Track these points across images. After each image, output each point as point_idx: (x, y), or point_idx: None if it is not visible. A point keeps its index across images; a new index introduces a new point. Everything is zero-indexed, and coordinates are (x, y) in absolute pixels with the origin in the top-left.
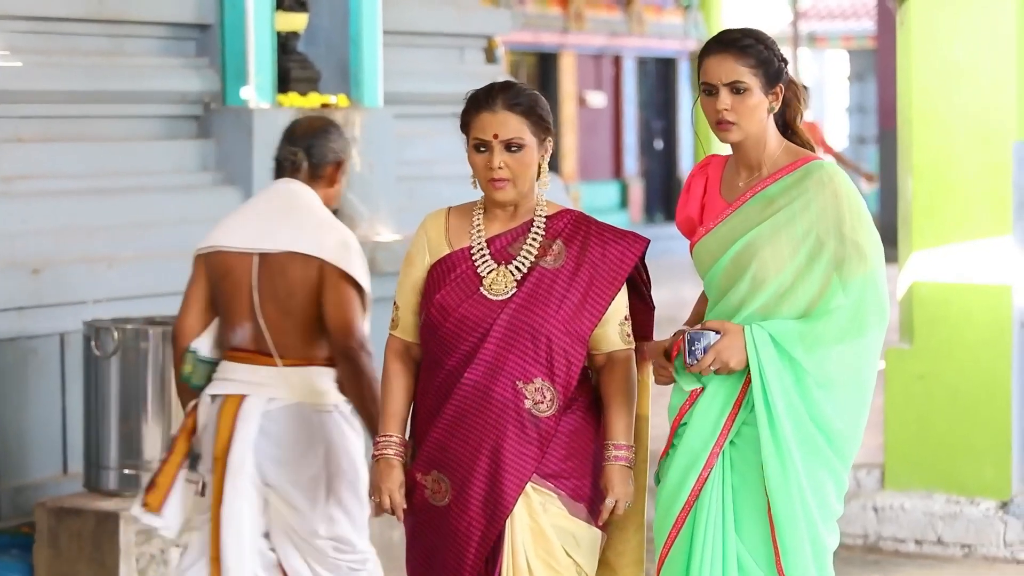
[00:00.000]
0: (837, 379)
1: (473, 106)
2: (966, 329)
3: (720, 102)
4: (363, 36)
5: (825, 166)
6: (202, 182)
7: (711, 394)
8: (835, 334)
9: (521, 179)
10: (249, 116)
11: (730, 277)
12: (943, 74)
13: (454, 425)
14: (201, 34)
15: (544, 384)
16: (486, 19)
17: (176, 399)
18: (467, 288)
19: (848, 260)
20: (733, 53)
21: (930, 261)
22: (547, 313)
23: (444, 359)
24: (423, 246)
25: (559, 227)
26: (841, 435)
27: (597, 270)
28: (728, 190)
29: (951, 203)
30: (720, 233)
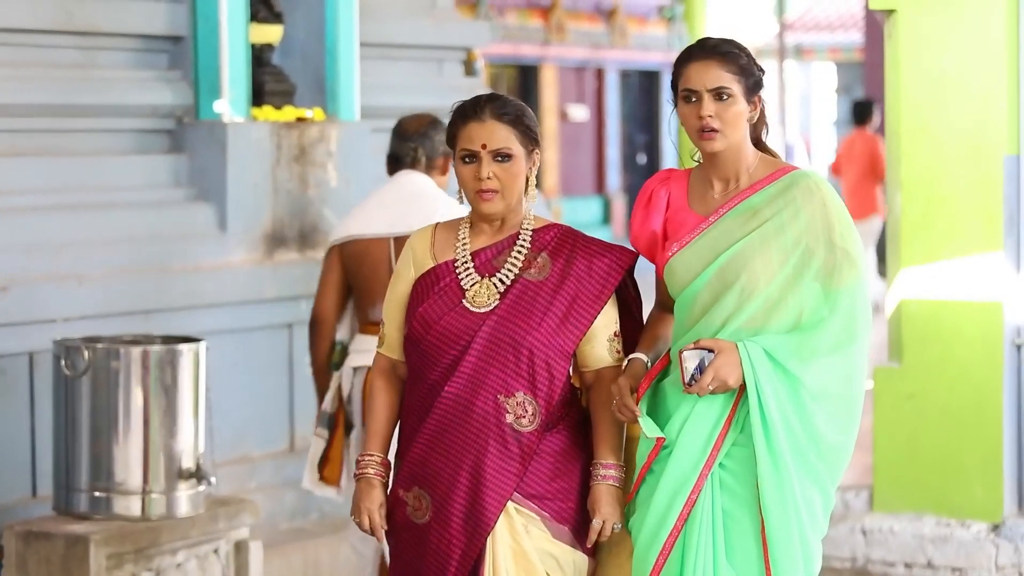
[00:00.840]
0: (832, 390)
1: (460, 117)
2: (956, 347)
3: (704, 108)
4: (339, 48)
5: (810, 175)
6: (175, 198)
7: (699, 415)
8: (829, 344)
9: (509, 190)
10: (223, 130)
11: (714, 291)
12: (932, 87)
13: (435, 440)
14: (173, 46)
15: (526, 398)
16: (465, 31)
17: (147, 420)
18: (450, 300)
19: (838, 268)
20: (717, 59)
21: (920, 278)
22: (529, 325)
23: (426, 372)
24: (409, 261)
25: (545, 240)
26: (834, 448)
27: (582, 284)
28: (700, 203)
29: (941, 218)
30: (699, 246)
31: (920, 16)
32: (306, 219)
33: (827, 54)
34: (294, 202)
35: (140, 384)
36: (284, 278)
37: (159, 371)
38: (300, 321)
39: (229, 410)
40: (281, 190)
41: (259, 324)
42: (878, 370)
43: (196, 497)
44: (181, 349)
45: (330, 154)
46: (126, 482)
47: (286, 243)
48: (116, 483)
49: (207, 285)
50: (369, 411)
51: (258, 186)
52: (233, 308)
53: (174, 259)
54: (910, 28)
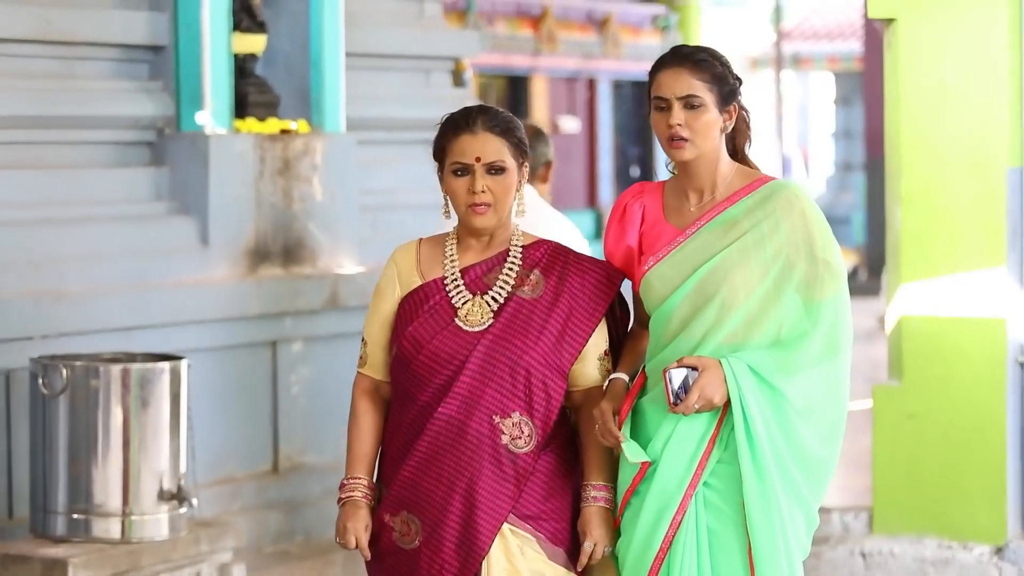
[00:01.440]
0: (817, 405)
1: (451, 129)
2: (958, 365)
3: (673, 117)
4: (324, 59)
5: (789, 185)
6: (155, 212)
7: (682, 434)
8: (813, 358)
9: (502, 204)
10: (205, 142)
11: (693, 305)
12: (933, 98)
13: (427, 462)
14: (154, 56)
15: (522, 419)
16: (453, 41)
17: (127, 441)
18: (441, 319)
19: (820, 280)
20: (688, 67)
21: (920, 294)
22: (526, 344)
23: (417, 394)
24: (393, 279)
25: (536, 257)
26: (819, 464)
27: (577, 300)
28: (676, 216)
29: (942, 233)
30: (677, 260)
31: (920, 25)
32: (290, 234)
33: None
34: (278, 216)
35: (120, 403)
36: (268, 294)
37: (139, 390)
38: (284, 339)
39: (211, 430)
40: (265, 204)
41: (242, 342)
42: (877, 389)
43: (177, 519)
44: (162, 367)
45: (315, 167)
46: (105, 504)
47: (270, 258)
48: (95, 505)
49: (189, 301)
50: (353, 434)
51: (241, 200)
52: (215, 325)
53: (155, 274)
54: (910, 37)
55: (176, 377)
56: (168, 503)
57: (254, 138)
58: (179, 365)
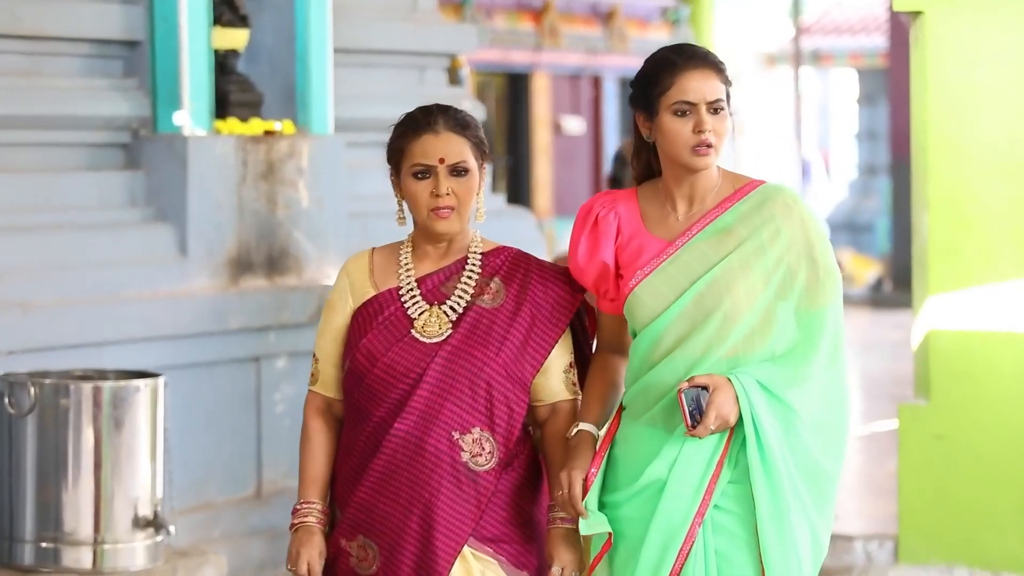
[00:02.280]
0: (824, 418)
1: (411, 128)
2: (989, 383)
3: (705, 122)
4: (311, 55)
5: (783, 189)
6: (130, 218)
7: (689, 456)
8: (821, 369)
9: (465, 207)
10: (183, 144)
11: (691, 320)
12: (963, 96)
13: (383, 483)
14: (129, 52)
15: (483, 434)
16: (449, 35)
17: (99, 464)
18: (396, 331)
19: (821, 286)
20: (713, 69)
21: (948, 307)
22: (487, 356)
23: (372, 410)
24: (345, 290)
25: (496, 264)
26: (828, 480)
27: (539, 310)
28: (660, 226)
29: (972, 241)
30: (669, 273)
31: (949, 18)
32: (275, 242)
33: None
34: (261, 224)
35: (91, 424)
36: (251, 307)
37: (112, 409)
38: (268, 354)
39: (190, 452)
40: (247, 210)
41: (223, 358)
42: (903, 408)
43: (153, 548)
44: (137, 385)
45: (301, 171)
46: (76, 532)
47: (253, 269)
48: (65, 533)
49: (166, 315)
50: (305, 455)
51: (222, 206)
52: (194, 340)
53: (129, 286)
54: (938, 31)
55: (152, 396)
56: (143, 531)
57: (236, 140)
58: (155, 383)
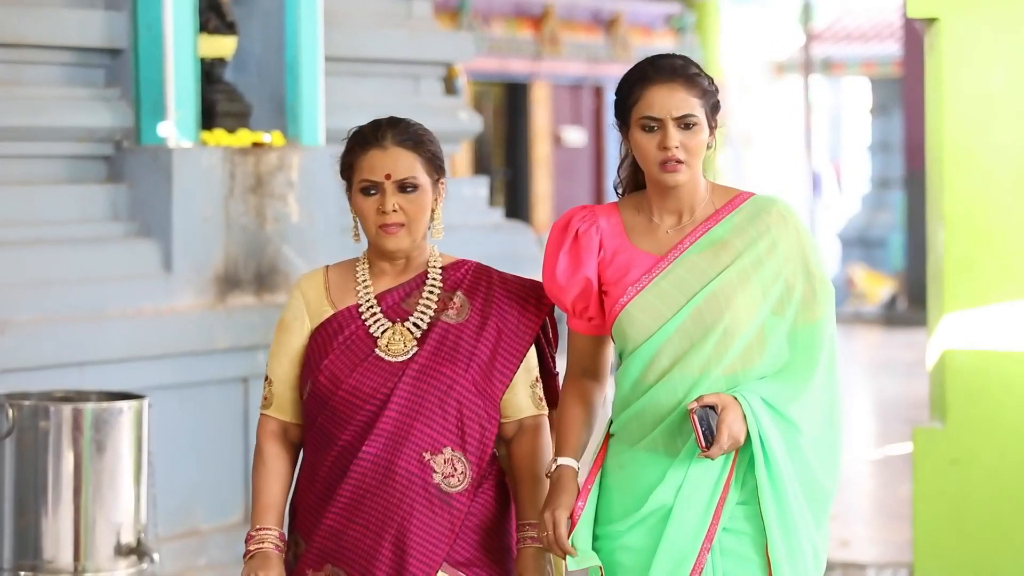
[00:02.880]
0: (823, 434)
1: (358, 143)
2: (1008, 404)
3: (671, 138)
4: (301, 63)
5: (776, 200)
6: (113, 233)
7: (695, 479)
8: (819, 385)
9: (416, 224)
10: (168, 156)
11: (689, 337)
12: (980, 106)
13: (352, 509)
14: (112, 60)
15: (455, 454)
16: (445, 43)
17: (80, 489)
18: (360, 351)
19: (816, 298)
20: (681, 82)
21: (965, 325)
22: (456, 373)
23: (337, 433)
24: (300, 310)
25: (457, 278)
26: (826, 497)
27: (505, 323)
28: (648, 240)
29: (989, 257)
30: (662, 288)
31: (966, 25)
32: (263, 258)
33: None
34: (250, 239)
35: (72, 447)
36: (238, 325)
37: (94, 432)
38: (256, 375)
39: (175, 477)
40: (235, 225)
41: (210, 378)
42: (918, 431)
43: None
44: (120, 407)
45: (291, 184)
46: (56, 560)
47: (240, 286)
48: (44, 561)
49: (150, 333)
50: (259, 482)
51: (208, 220)
52: (180, 360)
53: (112, 303)
54: (954, 39)
55: (135, 418)
56: (126, 559)
57: (223, 152)
58: (139, 405)
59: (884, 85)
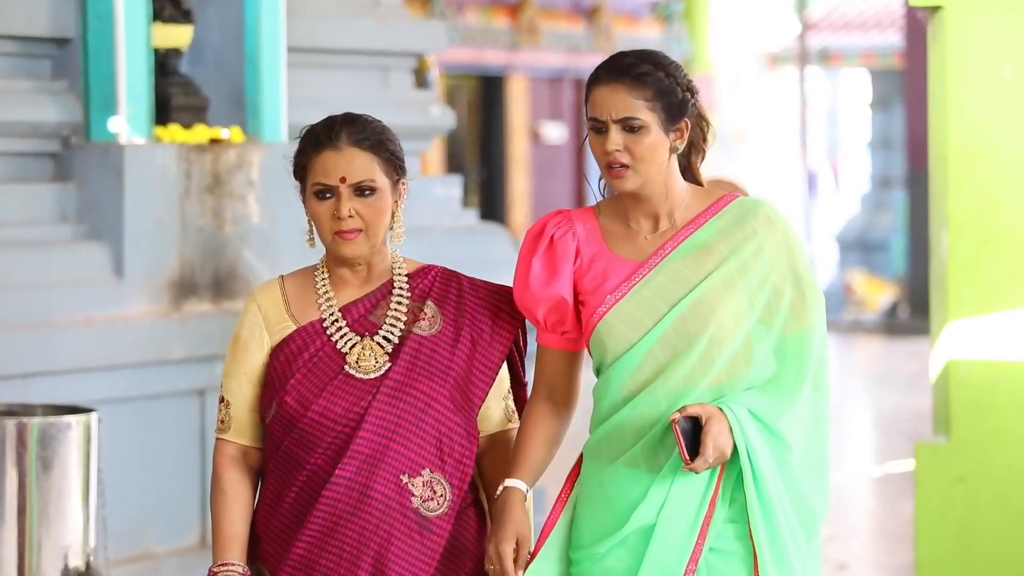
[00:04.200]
0: (812, 450)
1: (311, 144)
2: (1016, 418)
3: (610, 141)
4: (262, 54)
5: (762, 203)
6: (60, 236)
7: (679, 496)
8: (807, 398)
9: (374, 230)
10: (119, 154)
11: (671, 347)
12: (986, 100)
13: (325, 536)
14: (58, 51)
15: (434, 476)
16: (416, 33)
17: (24, 509)
18: (328, 369)
19: (805, 305)
20: (626, 83)
21: (971, 333)
22: (433, 388)
23: (306, 457)
24: (258, 325)
25: (425, 286)
26: (815, 517)
27: (480, 333)
28: (627, 246)
29: (996, 262)
30: (643, 297)
31: (971, 14)
32: (222, 263)
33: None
34: (207, 242)
35: (16, 464)
36: (194, 334)
37: (40, 448)
38: (214, 387)
39: (127, 496)
40: (191, 227)
41: (164, 391)
42: (921, 447)
43: None
44: (68, 421)
45: (251, 183)
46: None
47: (197, 292)
48: None
49: (100, 343)
50: (220, 511)
51: (163, 222)
52: (132, 371)
53: (60, 311)
54: (959, 28)
55: (85, 433)
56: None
57: (178, 149)
58: (88, 419)
59: (885, 78)
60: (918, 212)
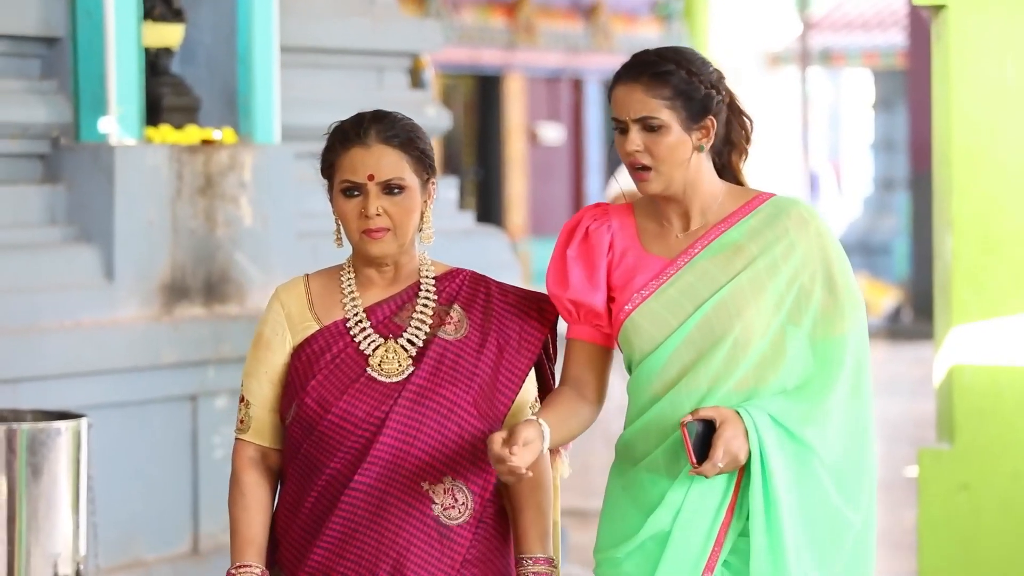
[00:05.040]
0: (847, 460)
1: (340, 141)
2: (1021, 425)
3: (630, 142)
4: (254, 54)
5: (797, 202)
6: (49, 238)
7: (695, 503)
8: (840, 405)
9: (403, 229)
10: (109, 155)
11: (696, 348)
12: (992, 100)
13: (343, 544)
14: (48, 50)
15: (455, 484)
16: (411, 33)
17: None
18: (350, 371)
19: (840, 311)
20: (644, 82)
21: (975, 339)
22: (456, 394)
23: (325, 461)
24: (280, 324)
25: (452, 290)
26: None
27: (507, 339)
28: (659, 243)
29: (1001, 265)
30: (670, 295)
31: (976, 12)
32: (213, 266)
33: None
34: (199, 245)
35: (5, 471)
36: (186, 339)
37: (29, 455)
38: (206, 392)
39: (117, 503)
40: (183, 230)
41: (155, 396)
42: (924, 453)
43: None
44: (57, 427)
45: (243, 185)
46: None
47: (189, 295)
48: None
49: (90, 347)
50: (238, 513)
51: (154, 224)
52: (123, 376)
53: (49, 315)
54: (963, 28)
55: (75, 439)
56: None
57: (169, 150)
58: (78, 425)
59: (887, 78)
60: (921, 215)
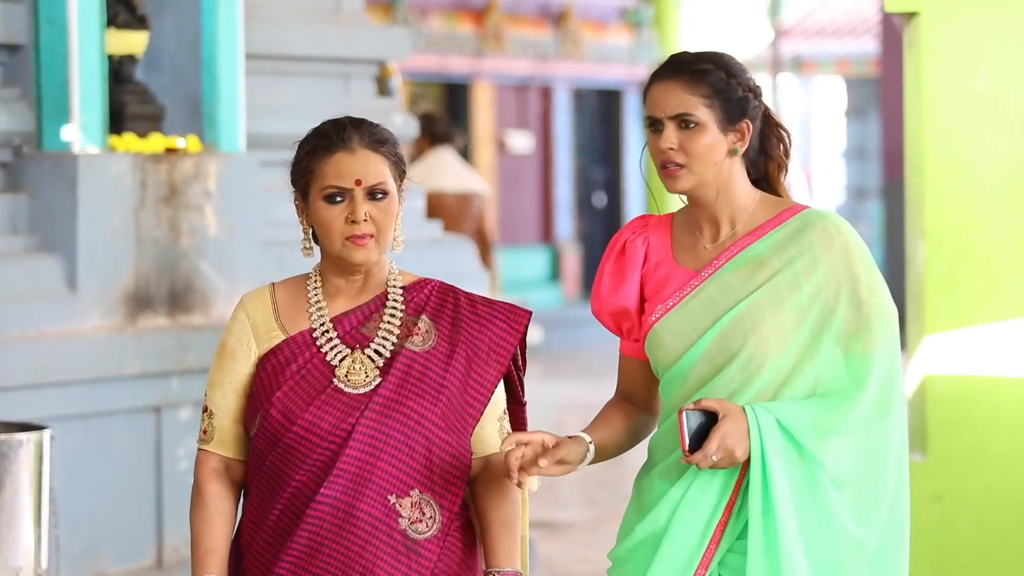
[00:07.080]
0: (863, 477)
1: (322, 145)
2: (994, 435)
3: (664, 139)
4: (219, 62)
5: (827, 215)
6: (11, 248)
7: (693, 500)
8: (856, 420)
9: (384, 235)
10: (72, 164)
11: (713, 363)
12: (964, 109)
13: (308, 558)
14: (9, 57)
15: (423, 497)
16: (378, 40)
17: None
18: (316, 382)
19: (866, 328)
20: (683, 80)
21: (948, 348)
22: (423, 406)
23: (290, 473)
24: (246, 333)
25: (420, 300)
26: (862, 551)
27: (476, 351)
28: (688, 256)
29: (974, 275)
30: (691, 308)
31: (948, 20)
32: (178, 276)
33: (834, 67)
34: (162, 254)
35: None
36: (150, 350)
37: None
38: (170, 404)
39: (80, 515)
40: (146, 239)
41: (118, 407)
42: None
43: None
44: (19, 439)
45: (208, 194)
46: None
47: (152, 306)
48: None
49: (52, 358)
50: (199, 524)
51: (117, 234)
52: (85, 387)
53: (11, 325)
54: (936, 35)
55: (36, 451)
56: None
57: (133, 159)
58: (40, 436)
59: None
60: (894, 223)
